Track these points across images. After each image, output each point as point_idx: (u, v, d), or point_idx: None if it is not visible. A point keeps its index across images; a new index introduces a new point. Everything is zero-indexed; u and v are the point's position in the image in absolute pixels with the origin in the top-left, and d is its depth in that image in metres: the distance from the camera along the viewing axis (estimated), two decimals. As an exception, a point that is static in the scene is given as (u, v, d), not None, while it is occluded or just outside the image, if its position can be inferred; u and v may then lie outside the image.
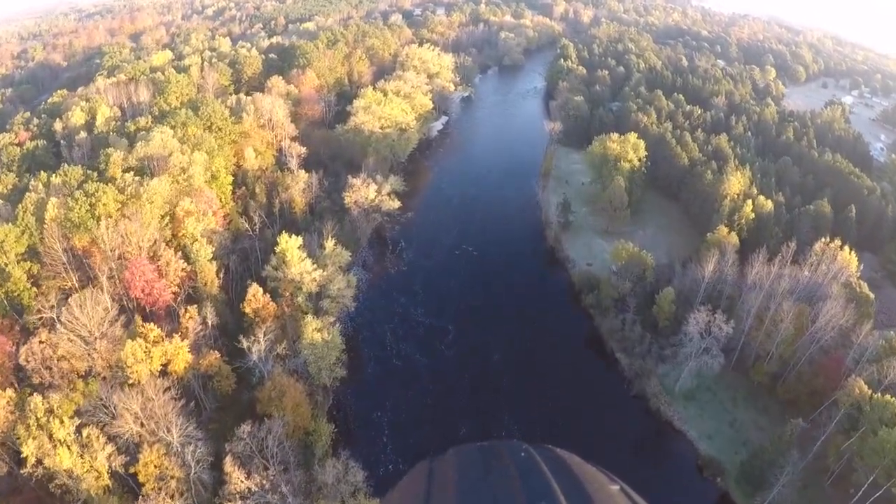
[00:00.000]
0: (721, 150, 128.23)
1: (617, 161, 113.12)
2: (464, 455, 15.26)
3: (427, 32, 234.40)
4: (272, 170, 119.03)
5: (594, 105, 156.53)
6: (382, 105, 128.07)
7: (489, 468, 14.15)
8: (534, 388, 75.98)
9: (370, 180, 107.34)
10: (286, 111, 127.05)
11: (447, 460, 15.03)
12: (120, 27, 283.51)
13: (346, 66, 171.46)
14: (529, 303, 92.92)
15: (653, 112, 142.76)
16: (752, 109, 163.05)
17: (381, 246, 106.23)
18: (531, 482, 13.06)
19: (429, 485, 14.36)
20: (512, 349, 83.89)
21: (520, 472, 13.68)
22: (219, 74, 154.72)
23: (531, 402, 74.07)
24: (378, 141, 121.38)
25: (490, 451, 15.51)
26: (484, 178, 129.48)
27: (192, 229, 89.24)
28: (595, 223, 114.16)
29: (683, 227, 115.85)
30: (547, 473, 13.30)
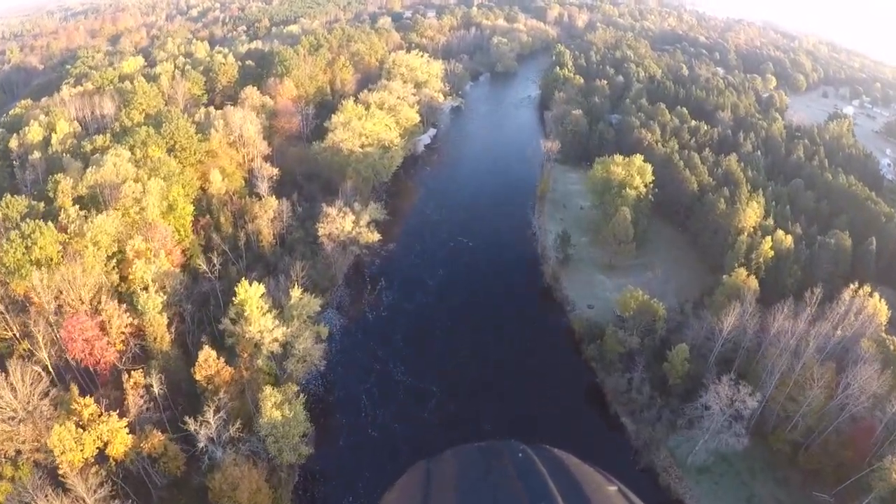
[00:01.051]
0: (732, 174, 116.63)
1: (621, 188, 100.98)
2: (463, 455, 14.27)
3: (416, 37, 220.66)
4: (241, 194, 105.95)
5: (593, 118, 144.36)
6: (364, 120, 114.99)
7: (489, 468, 13.25)
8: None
9: (347, 209, 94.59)
10: (259, 127, 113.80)
11: (445, 460, 14.12)
12: (101, 28, 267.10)
13: (329, 73, 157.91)
14: (524, 354, 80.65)
15: (657, 128, 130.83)
16: (758, 124, 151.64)
17: (359, 284, 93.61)
18: (530, 482, 12.22)
19: (427, 485, 13.20)
20: (504, 412, 71.84)
21: (518, 472, 12.82)
22: (191, 83, 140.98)
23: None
24: (358, 161, 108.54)
25: (489, 451, 14.59)
26: (474, 200, 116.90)
27: (141, 274, 76.49)
28: (596, 256, 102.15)
29: (692, 260, 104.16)
30: (545, 474, 12.47)
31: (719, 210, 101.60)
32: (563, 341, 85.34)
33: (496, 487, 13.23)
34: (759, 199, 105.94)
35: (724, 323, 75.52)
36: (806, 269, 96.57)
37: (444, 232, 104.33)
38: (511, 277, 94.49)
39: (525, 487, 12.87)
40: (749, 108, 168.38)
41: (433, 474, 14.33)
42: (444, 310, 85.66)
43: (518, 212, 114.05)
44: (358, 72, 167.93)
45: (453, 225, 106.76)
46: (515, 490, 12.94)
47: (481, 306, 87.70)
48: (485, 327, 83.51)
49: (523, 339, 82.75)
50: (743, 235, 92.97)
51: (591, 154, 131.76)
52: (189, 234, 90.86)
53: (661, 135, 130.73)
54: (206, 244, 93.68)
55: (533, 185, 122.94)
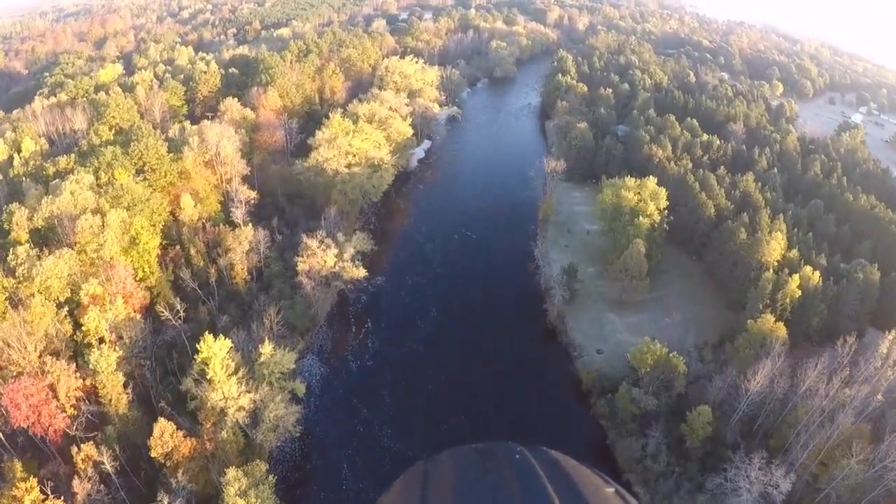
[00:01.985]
0: (749, 196, 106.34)
1: (633, 215, 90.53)
2: (460, 456, 13.30)
3: (411, 41, 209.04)
4: (216, 220, 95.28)
5: (598, 131, 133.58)
6: (351, 136, 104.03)
7: (485, 469, 12.41)
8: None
9: (330, 241, 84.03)
10: (237, 144, 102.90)
11: (443, 461, 13.19)
12: (89, 31, 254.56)
13: (318, 81, 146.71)
14: (525, 410, 70.22)
15: (667, 143, 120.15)
16: (772, 137, 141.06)
17: (343, 325, 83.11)
18: (527, 484, 11.54)
19: (424, 486, 12.41)
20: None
21: (515, 473, 12.11)
22: (169, 94, 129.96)
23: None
24: (344, 182, 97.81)
25: (486, 452, 13.37)
26: (470, 225, 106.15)
27: (95, 325, 66.15)
28: (605, 290, 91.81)
29: (709, 294, 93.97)
30: (542, 475, 11.73)
31: (739, 240, 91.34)
32: (570, 393, 75.15)
33: (493, 489, 12.09)
34: (781, 227, 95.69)
35: (750, 382, 65.98)
36: (832, 306, 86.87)
37: (437, 263, 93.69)
38: (511, 318, 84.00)
39: (522, 489, 11.82)
40: (760, 119, 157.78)
41: (430, 475, 13.36)
42: (436, 359, 75.04)
43: (518, 238, 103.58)
44: (349, 79, 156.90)
45: (447, 254, 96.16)
46: (513, 491, 11.86)
47: (477, 354, 77.01)
48: (481, 380, 73.08)
49: (525, 392, 72.42)
50: (768, 273, 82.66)
51: (598, 171, 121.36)
52: (154, 270, 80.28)
53: (673, 150, 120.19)
54: (176, 280, 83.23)
55: (534, 206, 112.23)
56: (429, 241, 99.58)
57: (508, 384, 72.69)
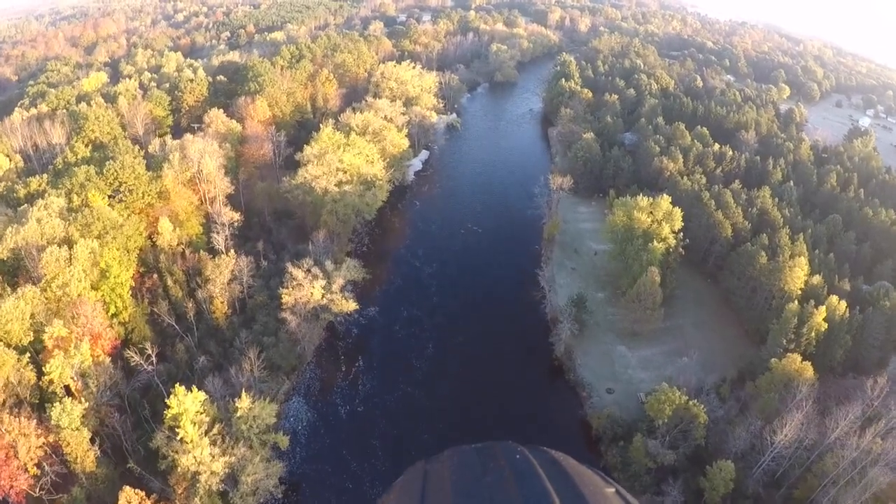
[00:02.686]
0: (767, 213, 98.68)
1: (647, 239, 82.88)
2: (459, 456, 13.49)
3: (409, 44, 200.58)
4: (197, 244, 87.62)
5: (605, 140, 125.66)
6: (342, 151, 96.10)
7: (485, 469, 12.52)
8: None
9: (318, 270, 76.46)
10: (220, 160, 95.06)
11: (443, 461, 13.16)
12: (81, 35, 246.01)
13: (310, 88, 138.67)
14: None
15: (678, 155, 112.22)
16: (785, 147, 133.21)
17: (332, 362, 75.49)
18: (527, 484, 11.44)
19: (424, 485, 12.48)
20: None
21: (515, 473, 12.08)
22: (153, 104, 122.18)
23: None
24: (334, 202, 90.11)
25: (485, 452, 13.83)
26: (471, 245, 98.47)
27: (57, 373, 58.86)
28: (615, 319, 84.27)
29: (726, 322, 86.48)
30: (542, 475, 11.66)
31: (759, 265, 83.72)
32: (579, 440, 67.67)
33: (493, 488, 11.95)
34: (802, 249, 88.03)
35: (777, 434, 58.97)
36: (856, 335, 79.62)
37: (434, 291, 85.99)
38: (514, 354, 76.28)
39: (522, 489, 11.52)
40: (770, 126, 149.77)
41: (430, 475, 13.05)
42: (433, 405, 67.30)
43: (521, 260, 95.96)
44: (343, 85, 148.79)
45: (445, 280, 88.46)
46: (512, 491, 11.62)
47: (478, 398, 69.16)
48: (483, 428, 65.21)
49: (530, 441, 64.80)
50: (792, 305, 75.05)
51: (605, 184, 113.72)
52: (128, 304, 72.69)
53: (684, 162, 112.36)
54: (153, 313, 75.71)
55: (538, 224, 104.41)
56: (426, 264, 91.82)
57: (512, 432, 65.08)
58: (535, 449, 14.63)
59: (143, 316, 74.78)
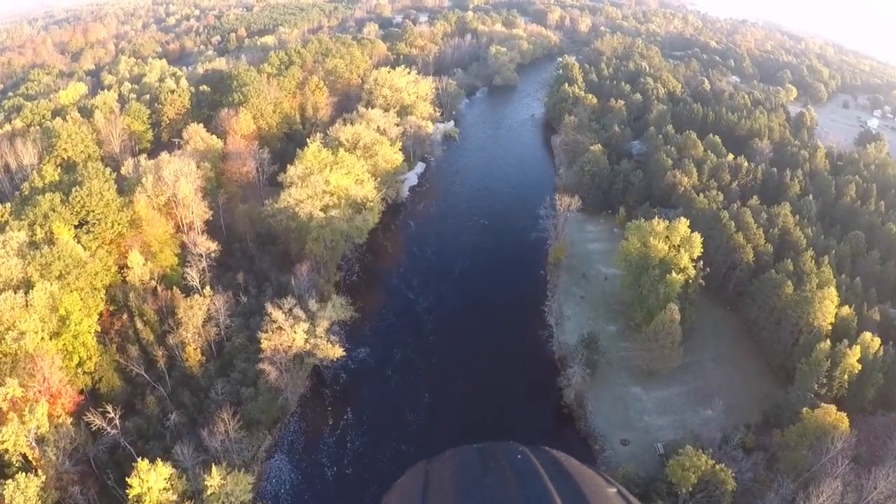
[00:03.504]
0: (789, 234, 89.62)
1: (665, 269, 73.83)
2: (461, 456, 13.32)
3: (405, 47, 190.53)
4: (172, 277, 78.59)
5: (612, 150, 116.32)
6: (328, 171, 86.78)
7: (486, 469, 12.23)
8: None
9: (300, 311, 67.45)
10: (197, 182, 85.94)
11: (444, 461, 11.43)
12: (70, 41, 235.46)
13: (300, 97, 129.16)
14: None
15: (692, 168, 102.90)
16: (800, 155, 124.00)
17: (318, 413, 66.47)
18: (528, 484, 11.12)
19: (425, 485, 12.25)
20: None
21: (516, 473, 11.67)
22: (131, 118, 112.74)
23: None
24: (321, 228, 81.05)
25: (486, 452, 13.15)
26: (470, 272, 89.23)
27: (12, 442, 50.40)
28: (630, 355, 75.32)
29: (748, 357, 77.51)
30: (544, 476, 11.45)
31: (784, 296, 74.75)
32: None
33: (494, 489, 12.42)
34: (828, 274, 79.08)
35: (811, 501, 50.36)
36: (889, 371, 71.00)
37: (430, 328, 76.81)
38: (519, 401, 67.20)
39: (523, 489, 11.87)
40: (783, 132, 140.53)
41: (431, 475, 10.57)
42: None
43: (525, 287, 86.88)
44: (335, 93, 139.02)
45: (443, 315, 79.34)
46: (513, 491, 10.50)
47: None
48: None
49: None
50: (823, 345, 66.18)
51: (614, 201, 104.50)
52: (93, 353, 63.81)
53: (698, 176, 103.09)
54: (122, 357, 66.87)
55: (542, 245, 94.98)
56: (421, 296, 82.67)
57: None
58: (536, 449, 13.35)
59: (112, 363, 65.92)
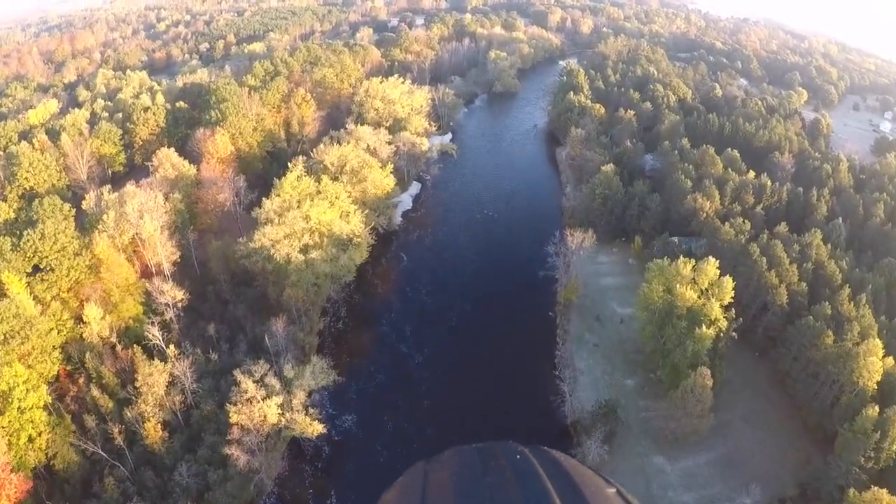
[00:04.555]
0: (823, 267, 78.53)
1: (693, 320, 62.91)
2: (460, 456, 12.56)
3: (400, 53, 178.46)
4: (134, 331, 67.80)
5: (624, 167, 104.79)
6: (308, 205, 75.47)
7: (485, 469, 11.74)
8: None
9: (274, 380, 56.79)
10: (163, 219, 74.92)
11: (443, 461, 12.53)
12: (56, 49, 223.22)
13: (285, 111, 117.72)
14: None
15: (713, 190, 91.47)
16: (823, 170, 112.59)
17: (297, 496, 55.81)
18: (528, 484, 10.87)
19: (424, 486, 11.66)
20: None
21: (516, 473, 11.25)
22: (101, 140, 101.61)
23: None
24: (300, 272, 70.14)
25: (486, 452, 12.38)
26: (469, 315, 77.37)
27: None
28: (650, 416, 64.77)
29: (782, 413, 66.52)
30: (543, 476, 11.04)
31: (823, 348, 63.89)
32: None
33: (494, 489, 11.14)
34: (868, 318, 68.06)
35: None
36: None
37: (425, 390, 65.37)
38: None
39: (523, 489, 10.90)
40: (801, 143, 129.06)
41: (430, 476, 12.09)
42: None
43: (531, 335, 75.81)
44: (324, 105, 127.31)
45: (438, 372, 68.20)
46: (513, 492, 11.00)
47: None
48: None
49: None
50: (870, 411, 55.48)
51: (628, 227, 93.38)
52: (44, 429, 53.39)
53: (720, 197, 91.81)
54: (81, 425, 56.44)
55: (550, 281, 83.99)
56: (415, 349, 71.66)
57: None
58: (536, 449, 12.18)
59: (68, 436, 55.57)
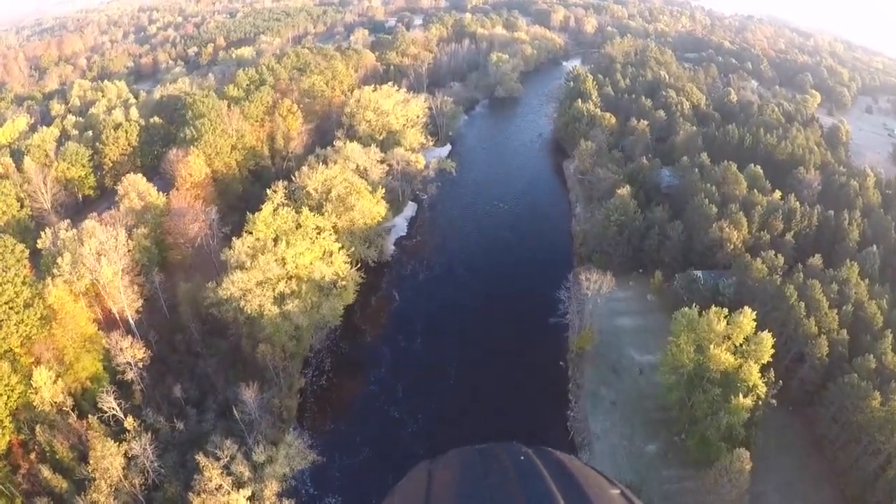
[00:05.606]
0: (862, 308, 67.91)
1: (728, 387, 52.86)
2: (463, 457, 11.24)
3: (396, 56, 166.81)
4: (93, 392, 57.96)
5: (640, 187, 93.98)
6: (284, 244, 64.85)
7: (489, 470, 10.76)
8: None
9: (242, 466, 47.01)
10: (125, 261, 64.86)
11: (447, 462, 11.23)
12: (43, 55, 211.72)
13: (269, 124, 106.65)
14: None
15: (740, 217, 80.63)
16: (850, 187, 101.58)
17: None
18: (530, 485, 10.19)
19: (428, 486, 10.59)
20: None
21: (519, 474, 10.47)
22: (68, 163, 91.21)
23: None
24: (275, 325, 60.05)
25: (489, 453, 11.20)
26: (468, 369, 65.67)
27: None
28: (675, 489, 55.14)
29: (819, 478, 56.67)
30: (546, 477, 10.23)
31: (869, 411, 53.90)
32: None
33: (497, 490, 10.39)
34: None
35: None
36: None
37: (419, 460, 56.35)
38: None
39: (526, 490, 10.22)
40: (823, 154, 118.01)
41: (433, 476, 10.81)
42: None
43: (541, 390, 65.54)
44: (312, 117, 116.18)
45: (436, 441, 57.68)
46: (516, 492, 10.29)
47: None
48: None
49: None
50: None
51: (647, 260, 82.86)
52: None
53: (748, 225, 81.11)
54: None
55: (561, 331, 73.40)
56: (407, 415, 60.72)
57: None
58: (539, 450, 11.10)
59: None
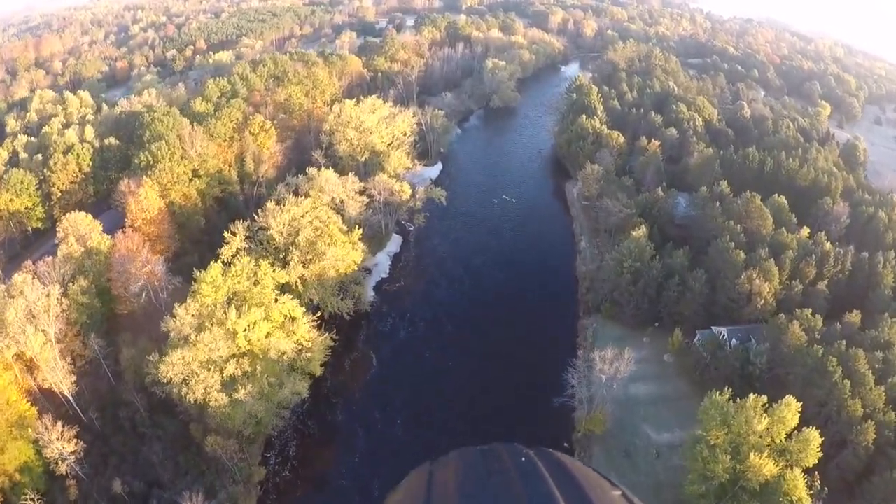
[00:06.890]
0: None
1: (766, 498, 41.78)
2: (464, 457, 12.06)
3: (384, 62, 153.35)
4: (24, 486, 46.08)
5: (654, 221, 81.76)
6: (235, 314, 52.11)
7: (490, 472, 11.42)
8: None
9: None
10: (56, 324, 52.69)
11: (448, 463, 12.03)
12: (20, 56, 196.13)
13: (239, 143, 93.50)
14: None
15: (771, 265, 69.00)
16: (878, 220, 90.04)
17: None
18: (532, 486, 10.59)
19: (429, 487, 11.33)
20: None
21: (520, 475, 11.00)
22: (12, 194, 78.42)
23: None
24: (223, 415, 48.17)
25: (491, 454, 12.08)
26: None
27: None
28: None
29: None
30: (547, 478, 10.65)
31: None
32: None
33: (498, 491, 10.91)
34: None
35: None
36: None
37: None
38: None
39: (527, 491, 10.59)
40: (846, 178, 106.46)
41: (435, 477, 11.60)
42: None
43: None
44: (289, 133, 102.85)
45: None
46: (518, 493, 10.74)
47: None
48: None
49: None
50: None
51: (663, 314, 70.94)
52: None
53: (780, 273, 69.50)
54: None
55: (568, 411, 61.49)
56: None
57: None
58: (540, 451, 11.69)
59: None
